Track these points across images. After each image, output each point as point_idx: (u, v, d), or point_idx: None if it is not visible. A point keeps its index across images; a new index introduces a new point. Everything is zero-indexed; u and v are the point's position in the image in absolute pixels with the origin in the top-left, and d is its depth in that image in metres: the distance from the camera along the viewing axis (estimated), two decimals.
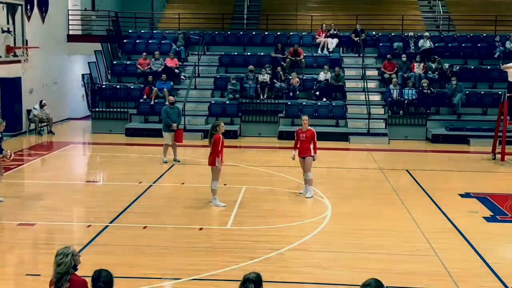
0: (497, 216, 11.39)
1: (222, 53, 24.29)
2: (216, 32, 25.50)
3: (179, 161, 16.16)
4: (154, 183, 13.85)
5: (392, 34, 25.05)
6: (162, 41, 24.87)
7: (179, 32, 24.80)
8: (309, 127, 12.62)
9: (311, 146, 12.50)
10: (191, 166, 16.21)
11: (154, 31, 26.44)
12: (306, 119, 12.61)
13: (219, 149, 11.63)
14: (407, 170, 15.50)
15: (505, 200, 12.61)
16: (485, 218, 11.24)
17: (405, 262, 8.92)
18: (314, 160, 12.64)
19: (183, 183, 14.10)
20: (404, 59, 22.64)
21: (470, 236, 10.07)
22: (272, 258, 8.93)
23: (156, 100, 21.33)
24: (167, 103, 17.18)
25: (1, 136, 12.10)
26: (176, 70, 23.03)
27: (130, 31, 26.00)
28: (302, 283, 8.16)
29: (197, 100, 22.39)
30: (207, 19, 26.38)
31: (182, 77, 23.27)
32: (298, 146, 12.68)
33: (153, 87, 21.68)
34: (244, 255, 9.02)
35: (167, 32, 25.80)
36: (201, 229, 10.39)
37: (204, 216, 11.25)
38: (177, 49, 23.99)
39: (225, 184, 13.61)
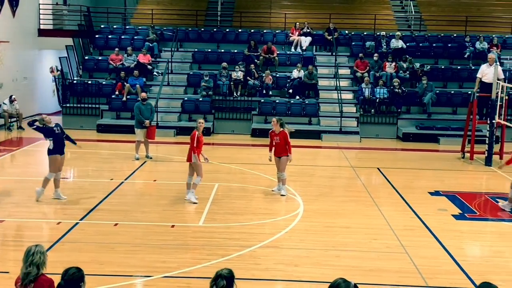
0: (465, 214, 11.58)
1: (196, 49, 24.21)
2: (190, 29, 25.41)
3: (151, 158, 16.08)
4: (125, 180, 13.76)
5: (365, 33, 25.26)
6: (135, 37, 24.68)
7: (151, 27, 24.63)
8: (282, 129, 12.62)
9: (287, 146, 12.57)
10: (164, 163, 16.14)
11: (127, 27, 26.21)
12: (275, 121, 12.71)
13: (194, 145, 11.62)
14: (378, 168, 15.66)
15: (474, 198, 12.83)
16: (454, 216, 11.42)
17: (375, 259, 9.02)
18: (290, 160, 12.69)
19: (155, 180, 14.03)
20: (376, 58, 22.86)
21: (439, 233, 10.23)
22: (243, 256, 8.95)
23: (128, 96, 21.17)
24: (139, 99, 17.06)
25: None
26: (149, 66, 22.89)
27: (102, 26, 25.75)
28: (273, 280, 8.20)
29: (170, 96, 22.28)
30: (180, 15, 26.25)
31: (155, 73, 23.13)
32: (273, 147, 12.73)
33: (125, 83, 21.51)
34: (216, 252, 9.02)
35: (140, 27, 25.61)
36: (173, 226, 10.36)
37: (176, 214, 11.21)
38: (150, 45, 23.83)
39: None
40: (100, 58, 23.70)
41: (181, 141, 19.50)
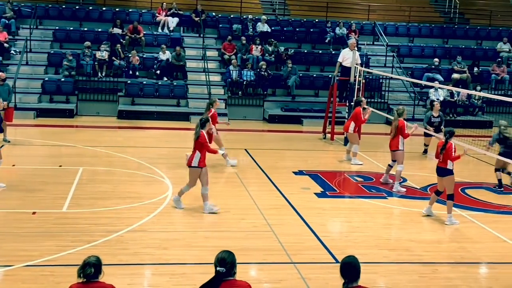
0: (327, 192, 12.17)
1: (57, 27, 23.10)
2: (50, 5, 24.18)
3: (9, 142, 15.18)
4: None
5: (231, 16, 25.49)
6: None
7: (8, 3, 23.10)
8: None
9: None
10: (23, 146, 15.30)
11: None
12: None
13: (208, 146, 10.36)
14: (245, 149, 15.97)
15: (334, 176, 13.51)
16: (316, 194, 11.96)
17: (243, 238, 9.23)
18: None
19: (14, 165, 13.26)
20: (243, 41, 23.18)
21: (302, 211, 10.67)
22: (110, 241, 8.77)
23: None
24: None
25: None
26: (6, 45, 21.51)
27: None
28: (141, 264, 8.12)
29: (29, 77, 21.12)
30: None
31: (12, 52, 21.81)
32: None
33: None
34: (81, 238, 8.76)
35: None
36: (34, 213, 9.89)
37: (38, 200, 10.70)
38: (6, 22, 22.37)
39: (60, 166, 13.06)
40: None
41: (42, 124, 18.64)
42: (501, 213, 11.36)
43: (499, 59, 24.54)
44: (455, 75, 23.47)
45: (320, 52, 24.05)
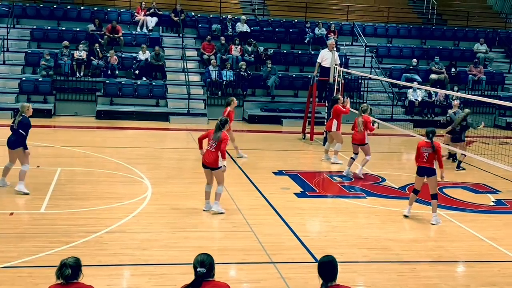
0: (306, 192, 12.22)
1: (34, 26, 22.85)
2: (27, 5, 23.93)
3: None
4: None
5: (211, 16, 25.45)
6: None
7: None
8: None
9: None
10: (0, 147, 15.10)
11: None
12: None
13: (225, 149, 10.28)
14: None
15: (314, 176, 13.56)
16: (296, 194, 12.00)
17: (222, 238, 9.24)
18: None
19: None
20: (222, 41, 23.15)
21: (282, 211, 10.70)
22: (89, 242, 8.71)
23: None
24: None
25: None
26: None
27: None
28: (120, 265, 8.07)
29: (5, 76, 20.87)
30: None
31: None
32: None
33: None
34: (60, 239, 8.68)
35: None
36: (11, 214, 9.78)
37: (15, 200, 10.58)
38: None
39: (38, 166, 12.91)
40: None
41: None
42: (478, 212, 11.50)
43: (476, 60, 24.84)
44: (433, 76, 23.71)
45: (300, 52, 24.12)
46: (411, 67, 23.81)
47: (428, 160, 10.35)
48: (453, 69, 24.36)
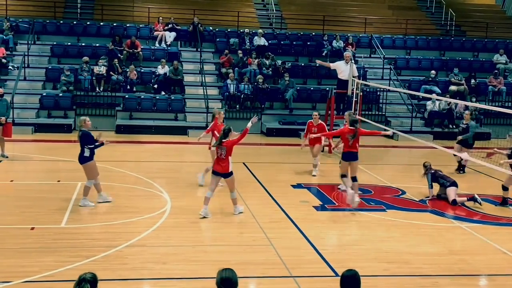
0: (325, 205, 12.16)
1: (54, 43, 23.18)
2: (48, 21, 24.27)
3: (7, 157, 15.17)
4: None
5: (228, 30, 25.61)
6: None
7: (6, 19, 23.18)
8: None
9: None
10: (21, 162, 15.29)
11: None
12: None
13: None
14: (243, 163, 15.96)
15: (333, 189, 13.50)
16: (314, 207, 11.94)
17: (241, 252, 9.21)
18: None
19: (12, 180, 13.25)
20: (240, 55, 23.26)
21: (301, 225, 10.65)
22: (109, 256, 8.74)
23: None
24: None
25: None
26: (3, 60, 21.56)
27: None
28: (140, 279, 8.08)
29: (27, 92, 21.16)
30: (37, 6, 25.01)
31: (10, 67, 21.85)
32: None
33: None
34: (80, 254, 8.72)
35: None
36: (32, 228, 9.86)
37: (36, 215, 10.67)
38: (4, 37, 22.44)
39: (58, 181, 13.03)
40: None
41: (40, 139, 18.62)
42: (499, 224, 11.35)
43: (496, 71, 24.65)
44: (453, 87, 23.56)
45: (317, 65, 24.08)
46: (430, 78, 23.69)
47: (353, 145, 11.62)
48: (472, 80, 24.19)
